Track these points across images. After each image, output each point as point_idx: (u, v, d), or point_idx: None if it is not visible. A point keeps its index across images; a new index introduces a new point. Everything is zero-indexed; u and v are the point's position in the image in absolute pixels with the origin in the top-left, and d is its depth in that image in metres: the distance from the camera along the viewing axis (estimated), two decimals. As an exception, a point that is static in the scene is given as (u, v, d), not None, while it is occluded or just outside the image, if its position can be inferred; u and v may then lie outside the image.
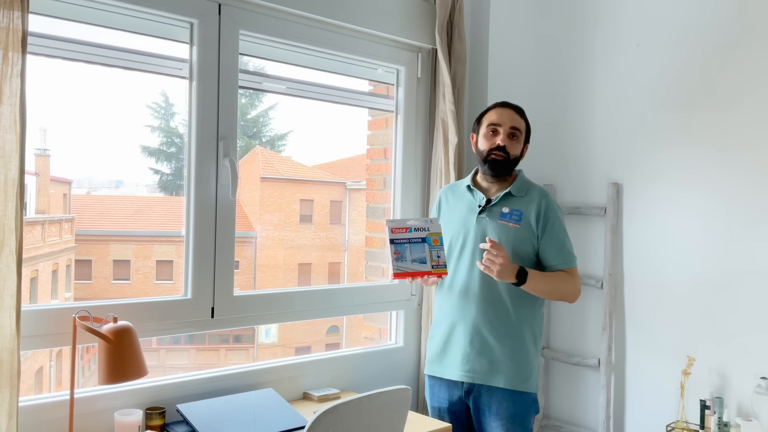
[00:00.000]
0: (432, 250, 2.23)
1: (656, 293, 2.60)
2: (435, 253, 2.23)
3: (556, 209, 2.34)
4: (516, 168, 2.38)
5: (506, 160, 2.30)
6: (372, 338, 3.08)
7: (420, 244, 2.22)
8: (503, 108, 2.35)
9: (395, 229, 2.22)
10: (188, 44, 2.30)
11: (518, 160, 2.35)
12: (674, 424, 2.41)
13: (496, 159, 2.30)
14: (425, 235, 2.23)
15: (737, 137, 2.39)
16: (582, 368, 2.83)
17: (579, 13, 2.86)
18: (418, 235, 2.23)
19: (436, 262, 2.22)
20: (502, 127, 2.31)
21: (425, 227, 2.24)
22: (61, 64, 2.10)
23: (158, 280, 11.09)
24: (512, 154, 2.31)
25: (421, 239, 2.23)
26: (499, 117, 2.32)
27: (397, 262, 2.20)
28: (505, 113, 2.33)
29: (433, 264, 2.22)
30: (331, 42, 2.64)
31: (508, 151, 2.30)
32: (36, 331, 1.96)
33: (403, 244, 2.22)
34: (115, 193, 12.02)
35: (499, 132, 2.31)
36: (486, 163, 2.32)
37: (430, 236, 2.24)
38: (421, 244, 2.22)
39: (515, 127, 2.32)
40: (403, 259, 2.21)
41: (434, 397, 2.43)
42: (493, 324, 2.28)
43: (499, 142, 2.30)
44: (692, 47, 2.51)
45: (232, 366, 2.45)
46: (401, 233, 2.22)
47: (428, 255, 2.22)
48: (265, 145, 12.62)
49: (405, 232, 2.22)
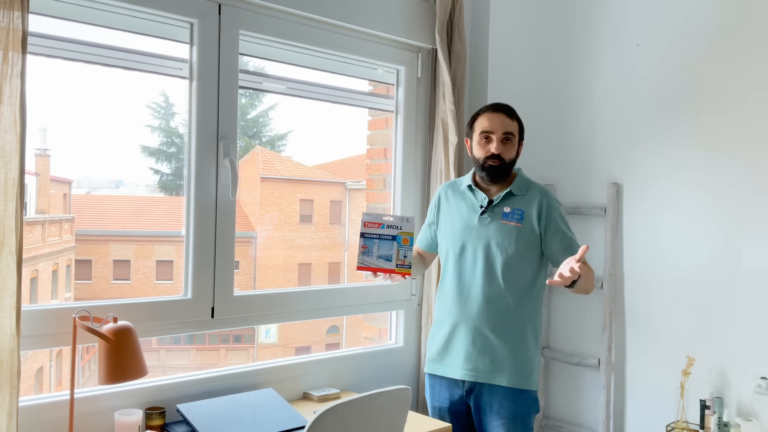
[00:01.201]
0: (400, 249, 2.24)
1: (656, 293, 2.60)
2: (402, 253, 2.24)
3: (556, 205, 2.34)
4: (514, 167, 2.39)
5: (502, 165, 2.31)
6: (372, 338, 3.08)
7: (389, 241, 2.24)
8: (494, 113, 2.33)
9: (368, 223, 2.24)
10: (188, 44, 2.30)
11: (514, 161, 2.35)
12: (674, 424, 2.41)
13: (492, 166, 2.30)
14: (396, 233, 2.24)
15: (737, 138, 2.39)
16: (582, 368, 2.83)
17: (579, 13, 2.86)
18: (389, 233, 2.24)
19: (401, 261, 2.23)
20: (495, 134, 2.30)
21: (398, 225, 2.25)
22: (61, 64, 2.09)
23: (158, 280, 11.09)
24: (507, 159, 2.31)
25: (391, 237, 2.24)
26: (490, 124, 2.31)
27: (362, 255, 2.23)
28: (496, 119, 2.31)
29: (398, 263, 2.23)
30: (331, 42, 2.64)
31: (503, 157, 2.30)
32: (36, 331, 1.96)
33: (373, 239, 2.24)
34: (115, 193, 12.02)
35: (492, 139, 2.30)
36: (484, 170, 2.32)
37: (402, 235, 2.24)
38: (390, 242, 2.24)
39: (508, 132, 2.30)
40: (369, 254, 2.23)
41: (435, 397, 2.43)
42: (495, 323, 2.29)
43: (493, 150, 2.29)
44: (692, 47, 2.51)
45: (232, 366, 2.45)
46: (373, 228, 2.24)
47: (395, 253, 2.24)
48: (265, 145, 12.61)
49: (377, 227, 2.24)
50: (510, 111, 2.34)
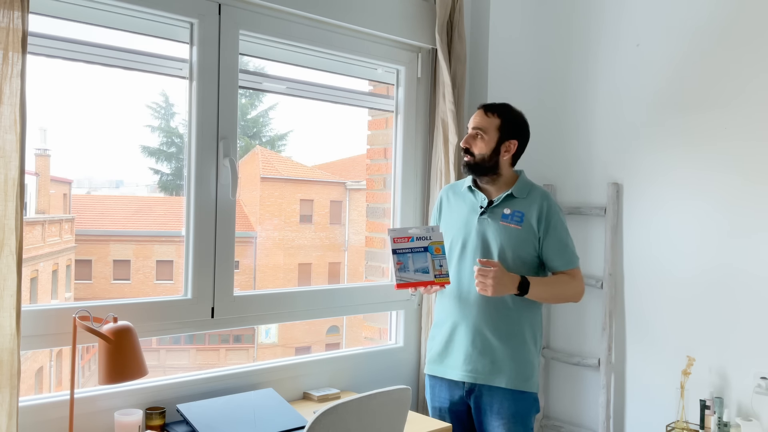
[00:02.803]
0: (434, 260, 2.21)
1: (656, 293, 2.60)
2: (437, 263, 2.21)
3: (557, 210, 2.33)
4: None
5: (474, 160, 2.31)
6: (372, 338, 3.08)
7: (422, 253, 2.20)
8: (477, 111, 2.36)
9: (397, 238, 2.20)
10: (188, 44, 2.30)
11: (493, 158, 2.31)
12: (674, 424, 2.41)
13: (465, 162, 2.33)
14: (427, 244, 2.21)
15: (737, 137, 2.39)
16: (582, 368, 2.83)
17: (579, 13, 2.86)
18: (420, 245, 2.21)
19: (438, 271, 2.21)
20: (469, 130, 2.33)
21: (427, 236, 2.22)
22: (61, 64, 2.10)
23: (158, 280, 11.09)
24: (477, 153, 2.30)
25: (423, 248, 2.21)
26: (471, 122, 2.35)
27: (400, 272, 2.18)
28: (475, 116, 2.34)
29: (435, 273, 2.20)
30: (331, 42, 2.64)
31: (472, 150, 2.30)
32: (36, 331, 1.96)
33: (406, 254, 2.19)
34: (115, 193, 12.03)
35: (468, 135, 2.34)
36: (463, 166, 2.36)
37: (432, 245, 2.22)
38: (423, 254, 2.21)
39: (477, 126, 2.31)
40: (406, 269, 2.19)
41: (435, 397, 2.43)
42: (495, 324, 2.28)
43: (461, 144, 2.32)
44: (692, 47, 2.51)
45: (232, 366, 2.45)
46: (403, 242, 2.20)
47: (431, 264, 2.21)
48: (265, 145, 12.62)
49: (407, 241, 2.20)
50: (490, 107, 2.34)
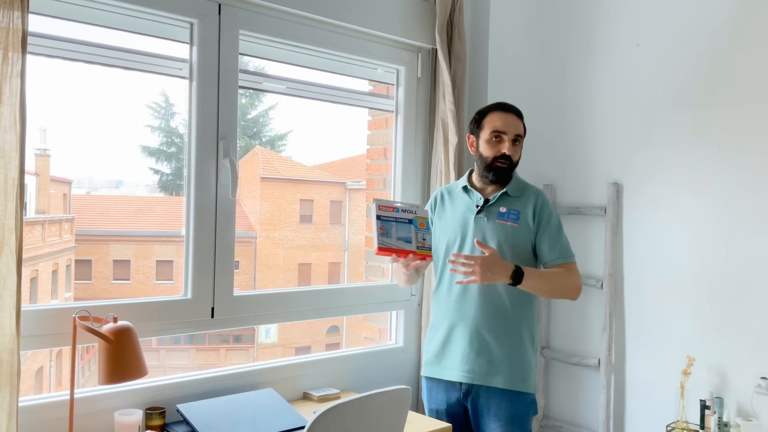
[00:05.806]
0: (418, 232, 2.20)
1: (656, 293, 2.60)
2: (421, 236, 2.21)
3: (551, 206, 2.34)
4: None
5: (510, 166, 2.31)
6: (372, 338, 3.08)
7: (406, 224, 2.20)
8: (506, 113, 2.32)
9: (383, 206, 2.20)
10: (188, 44, 2.30)
11: (518, 163, 2.36)
12: (674, 424, 2.41)
13: (500, 167, 2.30)
14: (412, 217, 2.21)
15: (737, 137, 2.39)
16: (582, 368, 2.83)
17: (579, 13, 2.86)
18: (405, 216, 2.21)
19: (421, 243, 2.20)
20: (507, 135, 2.29)
21: (413, 210, 2.22)
22: (61, 64, 2.10)
23: (158, 280, 11.10)
24: (515, 161, 2.33)
25: (407, 220, 2.21)
26: (503, 124, 2.29)
27: (382, 237, 2.16)
28: (509, 120, 2.30)
29: (418, 245, 2.19)
30: (331, 42, 2.64)
31: (513, 158, 2.31)
32: (36, 331, 1.96)
33: (390, 221, 2.19)
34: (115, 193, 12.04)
35: (504, 140, 2.29)
36: (490, 170, 2.31)
37: (417, 219, 2.21)
38: (407, 225, 2.20)
39: (518, 134, 2.31)
40: (389, 235, 2.17)
41: (432, 400, 2.42)
42: (492, 324, 2.28)
43: (504, 151, 2.28)
44: (692, 47, 2.51)
45: (232, 366, 2.45)
46: (388, 211, 2.20)
47: (414, 236, 2.20)
48: (265, 145, 12.63)
49: (392, 211, 2.20)
50: (519, 113, 2.35)
